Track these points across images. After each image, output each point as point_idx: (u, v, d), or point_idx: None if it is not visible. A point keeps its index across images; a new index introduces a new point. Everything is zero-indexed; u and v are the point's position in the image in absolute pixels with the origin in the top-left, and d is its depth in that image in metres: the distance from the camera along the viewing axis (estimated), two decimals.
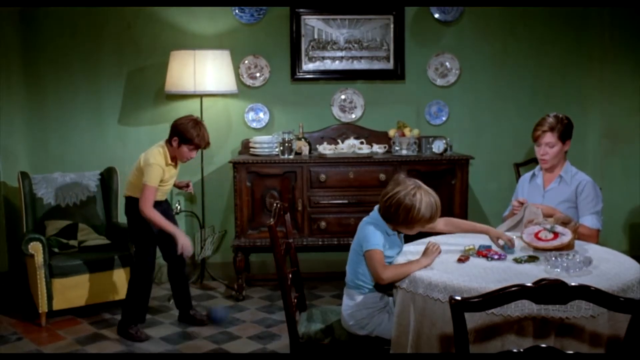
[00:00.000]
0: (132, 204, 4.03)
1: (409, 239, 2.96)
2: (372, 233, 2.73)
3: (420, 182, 2.74)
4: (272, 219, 2.93)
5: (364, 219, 2.85)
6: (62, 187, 4.87)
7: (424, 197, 2.67)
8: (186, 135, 3.89)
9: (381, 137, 5.21)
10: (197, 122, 3.95)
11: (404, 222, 2.70)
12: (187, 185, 4.40)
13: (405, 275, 2.59)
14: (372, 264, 2.68)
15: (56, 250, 4.54)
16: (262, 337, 4.14)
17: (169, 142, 3.99)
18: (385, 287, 2.81)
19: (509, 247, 2.84)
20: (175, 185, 4.32)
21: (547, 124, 3.53)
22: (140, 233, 4.07)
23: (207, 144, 4.04)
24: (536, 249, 2.82)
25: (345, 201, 4.86)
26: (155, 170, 3.89)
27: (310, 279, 5.10)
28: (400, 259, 2.76)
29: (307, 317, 3.14)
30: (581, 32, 5.33)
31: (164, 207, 4.18)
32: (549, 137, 3.52)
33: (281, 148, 4.87)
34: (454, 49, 5.29)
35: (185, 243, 3.97)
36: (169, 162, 4.00)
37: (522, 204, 3.41)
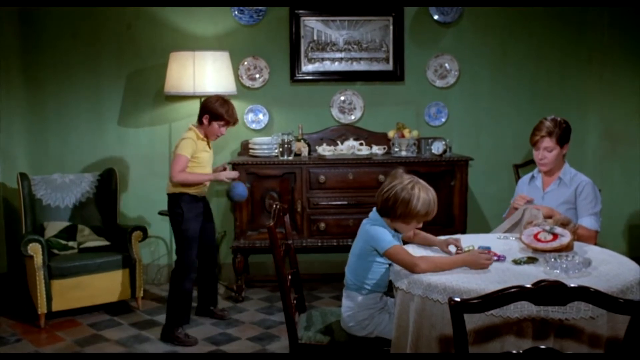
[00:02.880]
0: (171, 201, 4.14)
1: None
2: (383, 232, 2.71)
3: (417, 178, 2.75)
4: (271, 220, 2.93)
5: (365, 221, 2.84)
6: (61, 188, 4.87)
7: (422, 191, 2.68)
8: (217, 112, 4.07)
9: (380, 138, 5.21)
10: (225, 100, 4.15)
11: (402, 216, 2.69)
12: (225, 170, 4.38)
13: (441, 269, 2.54)
14: (401, 258, 2.60)
15: (55, 251, 4.54)
16: (262, 338, 4.14)
17: (199, 121, 4.15)
18: (387, 287, 2.82)
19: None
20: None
21: (545, 128, 3.51)
22: (180, 231, 4.11)
23: (236, 121, 4.22)
24: (535, 250, 2.82)
25: (345, 202, 4.86)
26: (186, 142, 4.03)
27: (309, 280, 5.10)
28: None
29: (307, 319, 3.14)
30: (580, 33, 5.33)
31: (205, 206, 4.28)
32: (548, 142, 3.51)
33: (280, 149, 4.87)
34: (453, 51, 5.30)
35: (226, 174, 4.17)
36: (201, 136, 4.12)
37: (528, 202, 3.43)
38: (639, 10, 5.19)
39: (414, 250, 2.88)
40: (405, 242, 2.95)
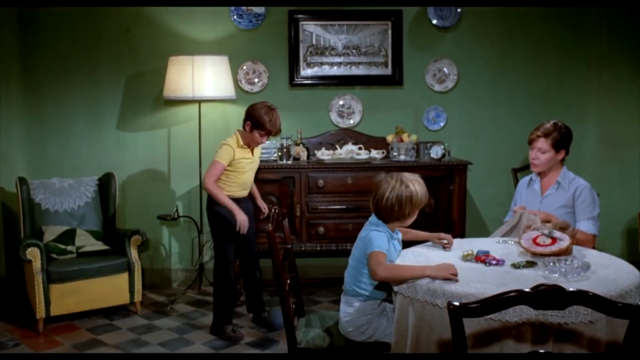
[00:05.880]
0: (209, 199, 4.16)
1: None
2: (377, 236, 2.73)
3: (400, 173, 2.81)
4: (270, 225, 2.93)
5: (365, 226, 2.85)
6: (60, 192, 4.87)
7: (415, 184, 2.77)
8: (259, 121, 4.00)
9: (379, 142, 5.21)
10: (271, 109, 4.06)
11: (410, 213, 2.76)
12: (263, 211, 4.40)
13: (401, 277, 2.56)
14: (371, 263, 2.67)
15: (54, 256, 4.53)
16: (261, 342, 4.14)
17: (243, 127, 4.10)
18: (385, 291, 2.82)
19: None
20: (255, 198, 4.38)
21: (543, 129, 3.55)
22: (218, 231, 4.17)
23: (279, 131, 4.14)
24: (534, 254, 2.82)
25: (344, 207, 4.86)
26: (225, 149, 4.02)
27: (308, 284, 5.10)
28: (399, 261, 2.78)
29: (306, 323, 3.14)
30: (579, 37, 5.34)
31: (245, 205, 4.22)
32: (542, 143, 3.53)
33: (279, 153, 4.87)
34: (452, 55, 5.30)
35: (242, 219, 4.00)
36: (241, 144, 4.08)
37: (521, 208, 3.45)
38: (637, 13, 5.21)
39: (414, 257, 2.88)
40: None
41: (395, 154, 5.02)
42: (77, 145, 5.26)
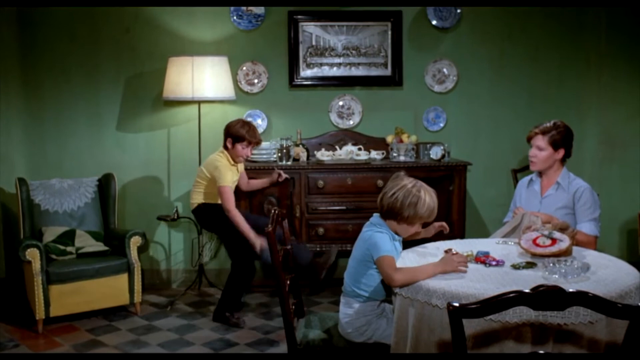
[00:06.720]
0: (206, 210, 4.40)
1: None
2: (381, 239, 2.71)
3: (418, 180, 2.78)
4: (270, 225, 2.93)
5: (366, 227, 2.84)
6: (59, 193, 4.87)
7: (427, 194, 2.73)
8: (238, 135, 4.32)
9: (379, 143, 5.21)
10: (246, 122, 4.44)
11: (408, 218, 2.71)
12: (280, 175, 4.64)
13: (417, 280, 2.54)
14: (384, 270, 2.63)
15: (54, 256, 4.53)
16: (260, 343, 4.13)
17: (224, 146, 4.40)
18: (386, 294, 2.82)
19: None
20: (271, 184, 4.67)
21: (542, 126, 3.58)
22: (229, 232, 4.34)
23: (259, 141, 4.48)
24: (534, 255, 2.82)
25: (343, 207, 4.86)
26: (225, 170, 4.30)
27: (308, 285, 5.09)
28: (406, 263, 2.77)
29: (305, 324, 3.14)
30: (578, 37, 5.34)
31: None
32: (539, 140, 3.55)
33: (279, 154, 4.88)
34: (452, 56, 5.30)
35: (258, 242, 4.18)
36: (232, 163, 4.40)
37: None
38: (636, 13, 5.21)
39: (414, 258, 2.88)
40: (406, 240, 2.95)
41: (395, 154, 5.02)
42: (76, 146, 5.26)
